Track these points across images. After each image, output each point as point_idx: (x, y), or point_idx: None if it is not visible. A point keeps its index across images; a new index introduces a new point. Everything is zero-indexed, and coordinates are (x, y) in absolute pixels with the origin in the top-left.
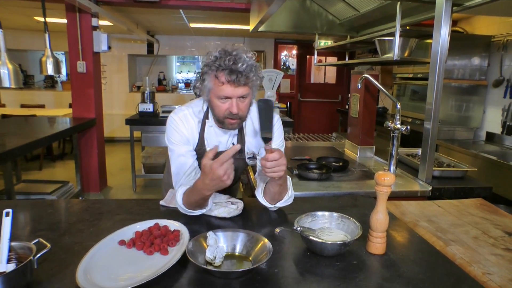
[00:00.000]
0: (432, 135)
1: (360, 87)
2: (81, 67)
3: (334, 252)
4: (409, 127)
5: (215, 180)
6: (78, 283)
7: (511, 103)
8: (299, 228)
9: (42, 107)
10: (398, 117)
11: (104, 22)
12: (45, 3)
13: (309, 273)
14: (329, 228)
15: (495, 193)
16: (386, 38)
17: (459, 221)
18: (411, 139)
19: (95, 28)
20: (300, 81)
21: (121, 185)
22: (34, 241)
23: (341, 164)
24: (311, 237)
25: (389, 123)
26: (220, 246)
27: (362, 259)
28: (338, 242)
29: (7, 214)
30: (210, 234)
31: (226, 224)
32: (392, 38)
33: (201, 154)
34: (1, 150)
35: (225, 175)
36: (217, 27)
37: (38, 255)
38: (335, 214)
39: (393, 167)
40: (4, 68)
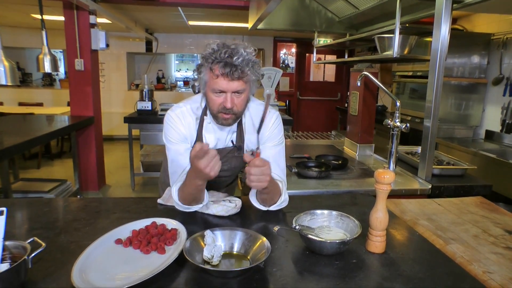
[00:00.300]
0: (432, 133)
1: (359, 84)
2: (79, 65)
3: (333, 250)
4: (408, 125)
5: (198, 172)
6: (73, 283)
7: (510, 101)
8: (297, 227)
9: (40, 105)
10: (398, 115)
11: (102, 20)
12: (41, 0)
13: (308, 272)
14: (328, 226)
15: (494, 191)
16: (386, 36)
17: (459, 219)
18: (410, 137)
19: (93, 26)
20: (299, 79)
21: (119, 184)
22: (29, 240)
23: (340, 162)
24: (310, 236)
25: (389, 121)
26: (218, 245)
27: (361, 258)
28: (337, 241)
29: (1, 213)
30: (208, 233)
31: (224, 223)
32: (392, 35)
33: None
34: None
35: (207, 167)
36: (216, 25)
37: (33, 254)
38: (334, 212)
39: (392, 165)
40: (0, 65)
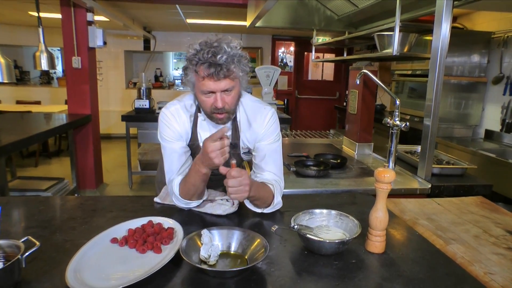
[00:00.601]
0: (432, 132)
1: (358, 83)
2: (76, 62)
3: (332, 250)
4: (408, 124)
5: (205, 155)
6: (67, 283)
7: (510, 101)
8: (296, 226)
9: (38, 103)
10: (397, 113)
11: (100, 18)
12: None
13: (306, 272)
14: (327, 226)
15: (493, 191)
16: (386, 33)
17: (459, 219)
18: (409, 136)
19: (90, 23)
20: (297, 78)
21: (117, 182)
22: (23, 239)
23: (339, 161)
24: (308, 236)
25: (388, 119)
26: (215, 244)
27: (361, 258)
28: (337, 241)
29: None
30: (205, 232)
31: (221, 222)
32: (392, 33)
33: (195, 150)
34: None
35: (213, 152)
36: (214, 23)
37: (27, 253)
38: (333, 211)
39: (392, 164)
40: None
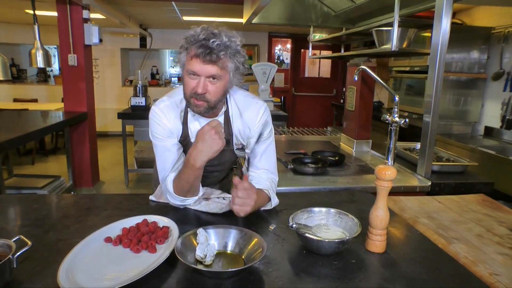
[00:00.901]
0: (432, 129)
1: (356, 79)
2: (72, 60)
3: (332, 250)
4: (407, 120)
5: (207, 140)
6: (59, 284)
7: (511, 97)
8: (294, 225)
9: (35, 101)
10: (397, 109)
11: (96, 16)
12: None
13: (305, 272)
14: (326, 225)
15: (493, 188)
16: (384, 29)
17: (460, 217)
18: (406, 133)
19: (86, 21)
20: (294, 75)
21: (113, 180)
22: (15, 239)
23: (337, 158)
24: (307, 235)
25: (387, 116)
26: (211, 243)
27: (361, 257)
28: (336, 240)
29: None
30: (200, 231)
31: (217, 221)
32: (390, 28)
33: (186, 146)
34: None
35: (216, 134)
36: (211, 20)
37: (18, 253)
38: (332, 210)
39: (391, 161)
40: None
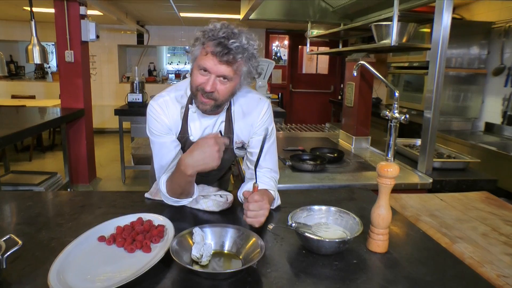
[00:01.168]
0: (433, 125)
1: (355, 74)
2: (69, 56)
3: (332, 250)
4: (408, 116)
5: (205, 152)
6: (49, 285)
7: None
8: (293, 224)
9: (32, 98)
10: (396, 105)
11: (93, 12)
12: None
13: (304, 273)
14: (326, 223)
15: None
16: (383, 23)
17: (464, 216)
18: (405, 130)
19: (83, 17)
20: (291, 72)
21: (110, 177)
22: (5, 238)
23: (335, 155)
24: (307, 234)
25: (387, 112)
26: (207, 243)
27: (362, 258)
28: (337, 240)
29: None
30: (197, 230)
31: (214, 219)
32: (390, 23)
33: (184, 143)
34: None
35: (218, 152)
36: (208, 16)
37: (8, 253)
38: (332, 208)
39: (391, 158)
40: None
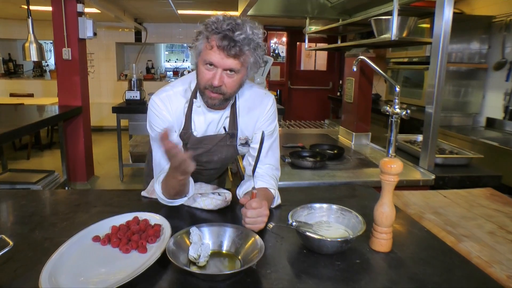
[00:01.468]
0: (435, 120)
1: (355, 70)
2: (66, 54)
3: (334, 250)
4: (409, 111)
5: (177, 167)
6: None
7: None
8: (294, 223)
9: (30, 96)
10: (397, 100)
11: (91, 10)
12: None
13: (306, 274)
14: (327, 222)
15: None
16: (383, 17)
17: (469, 213)
18: (405, 126)
19: (80, 14)
20: (290, 69)
21: (108, 175)
22: None
23: (335, 151)
24: (308, 233)
25: (387, 107)
26: (205, 243)
27: (365, 257)
28: (339, 239)
29: None
30: (194, 230)
31: (212, 218)
32: (390, 17)
33: (187, 139)
34: None
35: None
36: (206, 13)
37: None
38: (333, 206)
39: (393, 154)
40: None
